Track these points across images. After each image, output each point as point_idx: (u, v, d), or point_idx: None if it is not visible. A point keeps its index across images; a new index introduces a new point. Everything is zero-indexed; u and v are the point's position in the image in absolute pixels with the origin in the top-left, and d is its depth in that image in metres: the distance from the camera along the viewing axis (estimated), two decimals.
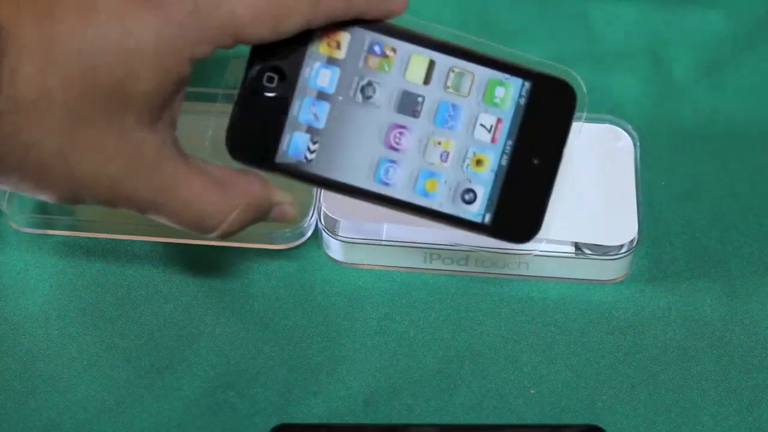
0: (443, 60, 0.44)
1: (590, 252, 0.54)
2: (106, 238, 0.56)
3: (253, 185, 0.44)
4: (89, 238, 0.56)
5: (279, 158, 0.44)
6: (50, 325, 0.53)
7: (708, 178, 0.59)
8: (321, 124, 0.44)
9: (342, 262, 0.55)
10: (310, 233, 0.56)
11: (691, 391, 0.51)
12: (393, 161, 0.44)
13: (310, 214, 0.55)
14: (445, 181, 0.45)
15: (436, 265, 0.55)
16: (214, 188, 0.43)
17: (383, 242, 0.54)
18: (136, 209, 0.42)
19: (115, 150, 0.39)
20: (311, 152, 0.44)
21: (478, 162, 0.45)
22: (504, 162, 0.45)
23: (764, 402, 0.50)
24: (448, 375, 0.51)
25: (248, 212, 0.44)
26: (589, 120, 0.59)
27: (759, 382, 0.51)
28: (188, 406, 0.50)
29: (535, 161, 0.45)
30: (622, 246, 0.53)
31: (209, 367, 0.51)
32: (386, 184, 0.44)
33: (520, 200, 0.45)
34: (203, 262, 0.55)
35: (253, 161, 0.44)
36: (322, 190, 0.55)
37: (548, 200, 0.45)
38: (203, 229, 0.43)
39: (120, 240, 0.56)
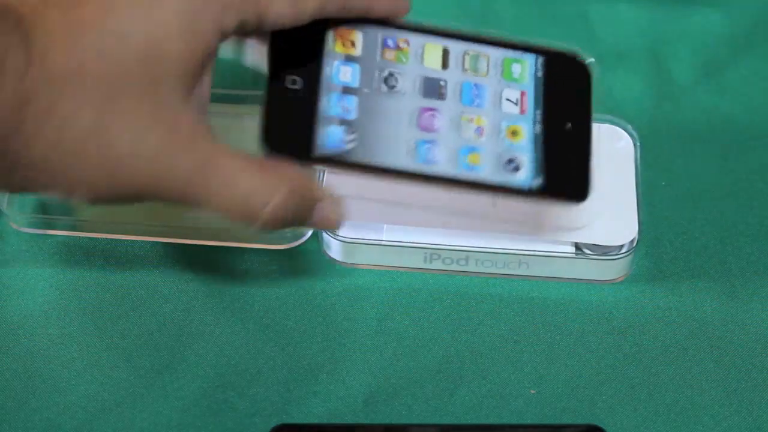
0: (456, 45, 0.45)
1: (590, 252, 0.53)
2: (106, 238, 0.56)
3: (295, 170, 0.43)
4: (89, 238, 0.56)
5: (318, 151, 0.44)
6: (50, 325, 0.53)
7: (708, 178, 0.59)
8: (353, 116, 0.44)
9: (342, 262, 0.55)
10: (310, 233, 0.56)
11: (691, 391, 0.51)
12: (430, 141, 0.45)
13: None
14: (487, 153, 0.45)
15: (436, 265, 0.54)
16: (255, 167, 0.41)
17: (383, 242, 0.54)
18: (174, 193, 0.40)
19: (151, 122, 0.39)
20: (349, 142, 0.44)
21: (514, 133, 0.45)
22: (538, 130, 0.45)
23: (764, 402, 0.50)
24: (448, 375, 0.51)
25: (292, 198, 0.42)
26: None
27: (759, 382, 0.51)
28: (188, 406, 0.50)
29: (568, 125, 0.46)
30: (622, 246, 0.53)
31: (209, 367, 0.51)
32: (430, 162, 0.45)
33: (564, 161, 0.46)
34: (203, 262, 0.55)
35: (291, 155, 0.43)
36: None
37: (590, 159, 0.46)
38: (246, 211, 0.41)
39: (120, 240, 0.56)
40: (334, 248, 0.55)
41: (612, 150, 0.57)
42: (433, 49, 0.45)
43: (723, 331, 0.53)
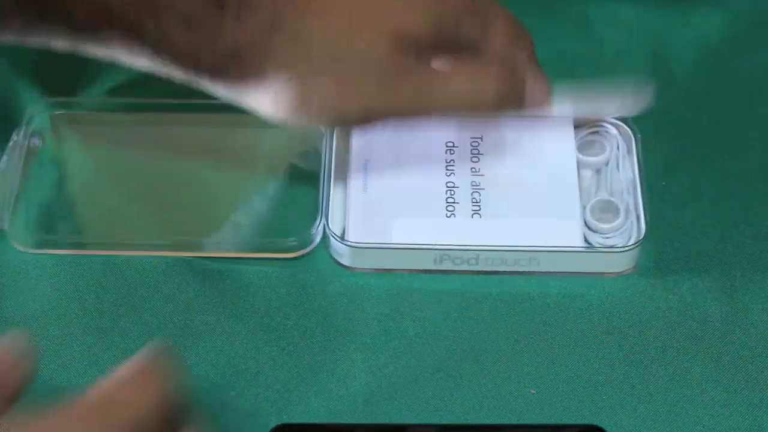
0: None
1: (598, 243, 0.53)
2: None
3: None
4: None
5: None
6: (50, 325, 0.53)
7: (708, 178, 0.59)
8: None
9: (350, 267, 0.54)
10: (318, 239, 0.55)
11: (691, 391, 0.50)
12: None
13: (318, 220, 0.55)
14: None
15: (447, 265, 0.54)
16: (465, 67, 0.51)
17: (391, 245, 0.54)
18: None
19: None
20: None
21: None
22: None
23: (764, 402, 0.50)
24: (448, 374, 0.51)
25: (506, 76, 0.51)
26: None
27: (759, 382, 0.51)
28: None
29: None
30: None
31: (209, 367, 0.51)
32: None
33: None
34: (204, 263, 0.55)
35: None
36: (330, 194, 0.55)
37: None
38: (476, 96, 0.51)
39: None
40: (342, 253, 0.54)
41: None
42: None
43: (723, 331, 0.53)
